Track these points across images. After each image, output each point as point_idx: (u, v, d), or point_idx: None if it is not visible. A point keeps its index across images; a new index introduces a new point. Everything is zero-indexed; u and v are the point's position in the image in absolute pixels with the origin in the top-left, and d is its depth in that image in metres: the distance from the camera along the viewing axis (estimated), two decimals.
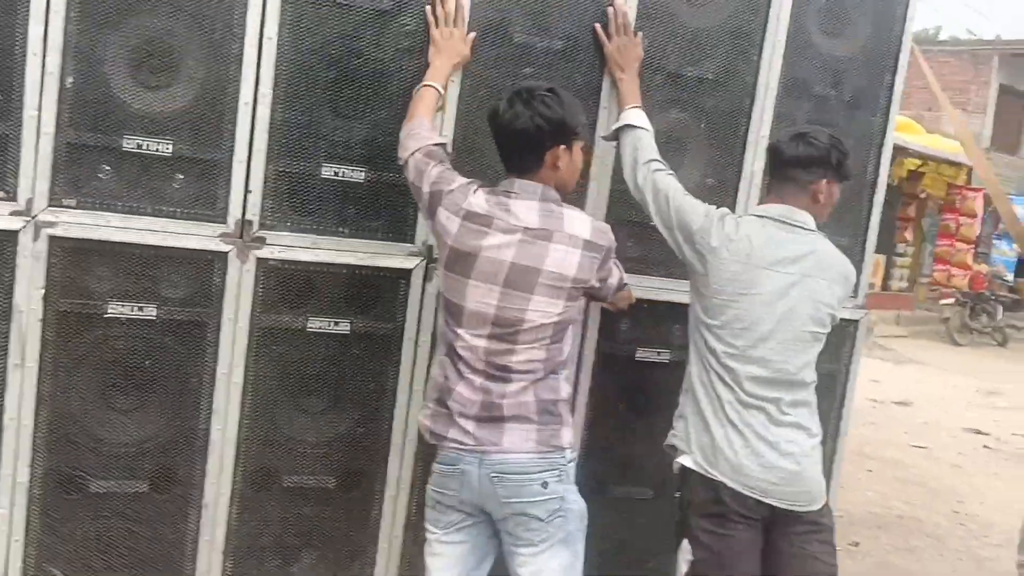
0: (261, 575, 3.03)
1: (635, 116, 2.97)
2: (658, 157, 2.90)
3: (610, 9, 3.09)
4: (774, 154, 2.81)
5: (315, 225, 2.94)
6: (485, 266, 2.41)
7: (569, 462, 2.51)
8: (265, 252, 2.88)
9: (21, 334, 2.69)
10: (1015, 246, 16.13)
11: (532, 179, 2.47)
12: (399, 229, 3.02)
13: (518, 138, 2.45)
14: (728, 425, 2.64)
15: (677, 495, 2.81)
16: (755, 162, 3.38)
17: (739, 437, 2.63)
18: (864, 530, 5.45)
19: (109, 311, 2.77)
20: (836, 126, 3.48)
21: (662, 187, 2.83)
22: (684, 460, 2.72)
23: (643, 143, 2.92)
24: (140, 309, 2.79)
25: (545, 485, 2.43)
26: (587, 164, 3.00)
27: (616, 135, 2.99)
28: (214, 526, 2.94)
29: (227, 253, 2.84)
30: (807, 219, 2.75)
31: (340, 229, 2.97)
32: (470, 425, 2.44)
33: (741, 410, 2.64)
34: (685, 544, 2.76)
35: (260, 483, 2.99)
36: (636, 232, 3.28)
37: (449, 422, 2.48)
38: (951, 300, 16.18)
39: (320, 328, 2.98)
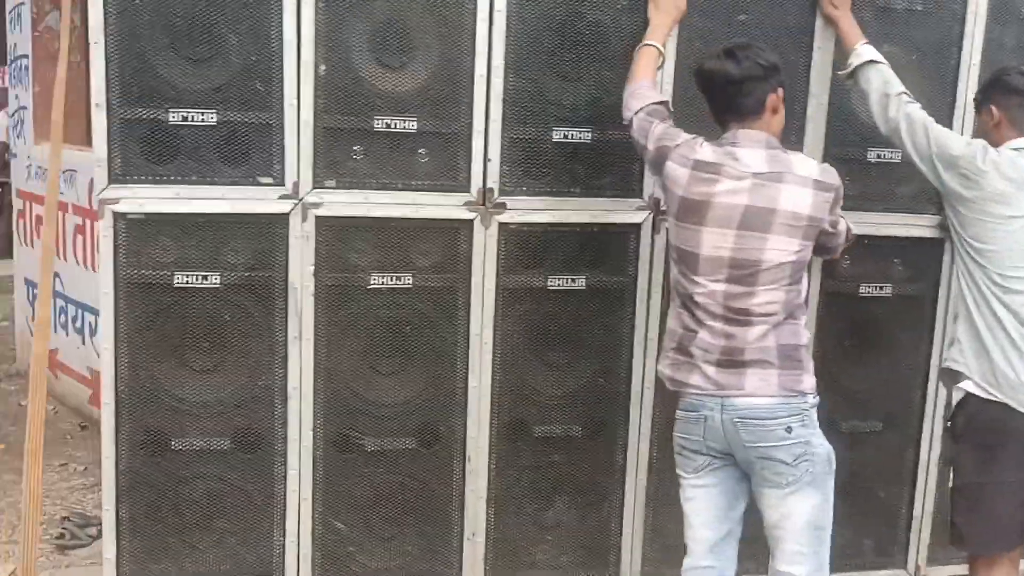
0: (519, 521, 3.21)
1: (871, 52, 2.99)
2: (906, 90, 2.92)
3: None
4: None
5: (549, 187, 3.07)
6: (719, 212, 2.49)
7: (812, 407, 2.56)
8: (506, 217, 3.02)
9: (297, 309, 2.90)
10: None
11: (753, 128, 2.54)
12: (627, 185, 3.12)
13: (743, 83, 2.52)
14: (1009, 346, 2.67)
15: (949, 424, 2.85)
16: (968, 91, 3.34)
17: (1020, 358, 2.65)
18: None
19: (371, 283, 2.96)
20: None
21: (917, 118, 2.87)
22: (966, 385, 2.76)
23: (889, 76, 2.95)
24: (398, 279, 2.98)
25: (789, 430, 2.49)
26: None
27: (853, 72, 3.02)
28: (477, 477, 3.12)
29: (472, 220, 2.99)
30: None
31: (572, 189, 3.09)
32: (711, 370, 2.53)
33: (1022, 330, 2.66)
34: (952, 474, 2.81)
35: (513, 434, 3.16)
36: (853, 169, 3.29)
37: (691, 369, 2.57)
38: None
39: (559, 285, 3.11)
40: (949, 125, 3.33)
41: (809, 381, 2.56)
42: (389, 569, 3.12)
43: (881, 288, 3.39)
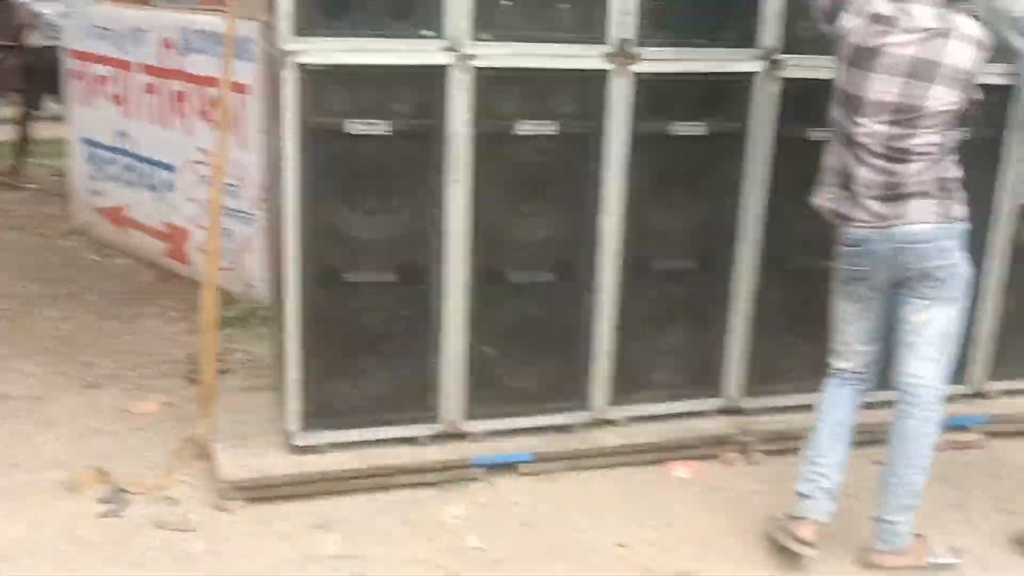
0: (640, 346, 3.58)
1: None
2: None
3: None
4: None
5: (676, 39, 3.31)
6: (888, 60, 2.77)
7: (963, 232, 2.91)
8: (639, 67, 3.27)
9: (455, 154, 3.16)
10: None
11: None
12: (746, 36, 3.37)
13: None
14: None
15: None
16: None
17: None
18: None
19: (519, 130, 3.22)
20: None
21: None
22: None
23: None
24: (542, 125, 3.24)
25: (945, 251, 2.85)
26: None
27: None
28: (605, 306, 3.47)
29: (609, 71, 3.24)
30: None
31: (696, 40, 3.33)
32: (875, 205, 2.85)
33: None
34: None
35: (637, 268, 3.49)
36: None
37: (853, 203, 2.89)
38: None
39: (682, 132, 3.39)
40: None
41: (960, 209, 2.89)
42: (528, 388, 3.49)
43: None
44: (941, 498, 3.36)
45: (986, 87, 3.51)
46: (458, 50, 3.09)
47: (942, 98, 2.77)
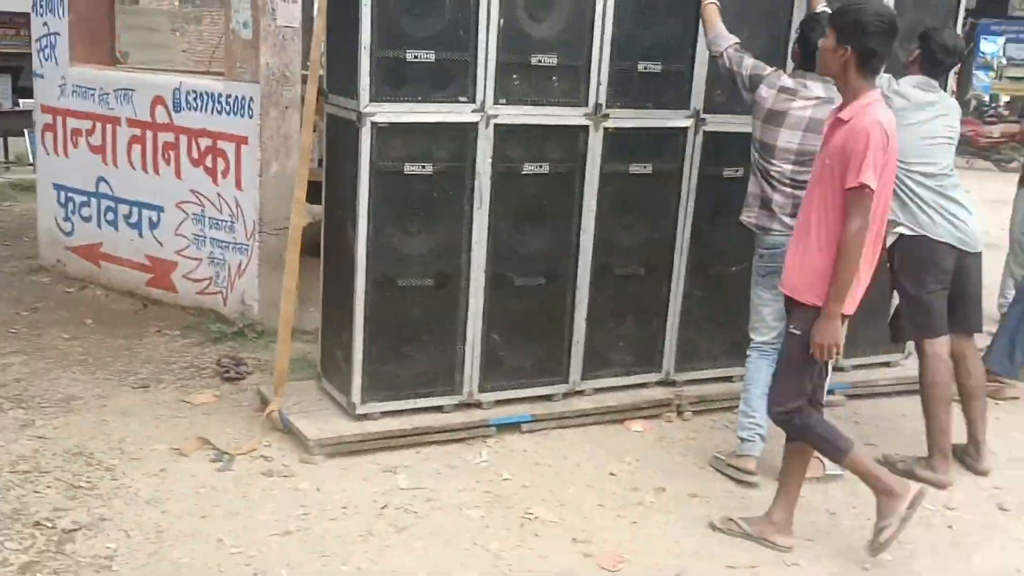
0: (603, 333, 4.72)
1: None
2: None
3: None
4: None
5: (634, 103, 4.51)
6: (792, 120, 4.04)
7: None
8: (609, 123, 4.46)
9: (479, 188, 4.24)
10: None
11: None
12: (681, 101, 4.61)
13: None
14: (921, 202, 4.23)
15: (888, 260, 4.48)
16: None
17: (931, 208, 4.23)
18: None
19: (524, 170, 4.34)
20: None
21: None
22: (899, 229, 4.33)
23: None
24: (540, 166, 4.37)
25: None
26: None
27: None
28: (581, 303, 4.60)
29: (588, 126, 4.42)
30: None
31: (647, 104, 4.55)
32: (787, 219, 4.09)
33: (931, 194, 4.26)
34: None
35: (602, 273, 4.65)
36: None
37: (772, 218, 4.13)
38: None
39: (636, 171, 4.60)
40: None
41: None
42: (524, 366, 4.57)
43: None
44: None
45: None
46: (484, 111, 4.18)
47: None
